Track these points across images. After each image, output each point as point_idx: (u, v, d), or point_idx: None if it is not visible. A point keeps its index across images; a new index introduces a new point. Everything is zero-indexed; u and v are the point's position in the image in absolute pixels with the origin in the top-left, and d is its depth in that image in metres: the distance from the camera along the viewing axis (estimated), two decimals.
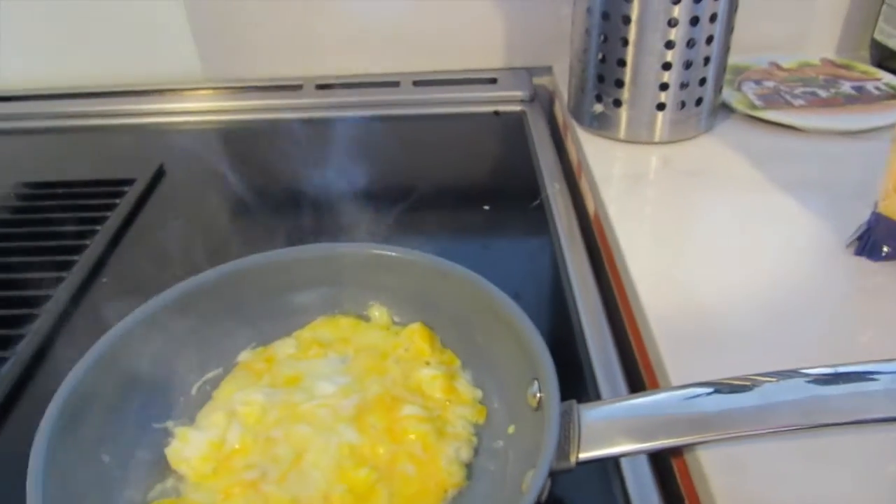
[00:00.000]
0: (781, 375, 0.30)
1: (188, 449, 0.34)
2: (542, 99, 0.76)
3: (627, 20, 0.52)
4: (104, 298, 0.47)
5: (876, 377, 0.29)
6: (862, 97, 0.62)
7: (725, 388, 0.30)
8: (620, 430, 0.30)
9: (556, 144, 0.68)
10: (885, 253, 0.42)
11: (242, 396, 0.36)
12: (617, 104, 0.56)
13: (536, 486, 0.27)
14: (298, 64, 0.75)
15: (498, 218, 0.55)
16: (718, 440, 0.29)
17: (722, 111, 0.61)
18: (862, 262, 0.42)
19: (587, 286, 0.46)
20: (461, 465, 0.34)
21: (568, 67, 0.62)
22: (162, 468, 0.34)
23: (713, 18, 0.52)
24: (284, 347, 0.40)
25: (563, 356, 0.33)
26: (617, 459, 0.34)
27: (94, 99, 0.73)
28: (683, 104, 0.55)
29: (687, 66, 0.53)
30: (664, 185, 0.53)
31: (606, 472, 0.34)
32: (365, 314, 0.42)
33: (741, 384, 0.30)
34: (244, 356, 0.40)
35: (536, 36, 0.75)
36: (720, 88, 0.58)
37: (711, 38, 0.53)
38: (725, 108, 0.61)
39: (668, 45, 0.52)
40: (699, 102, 0.56)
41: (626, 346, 0.42)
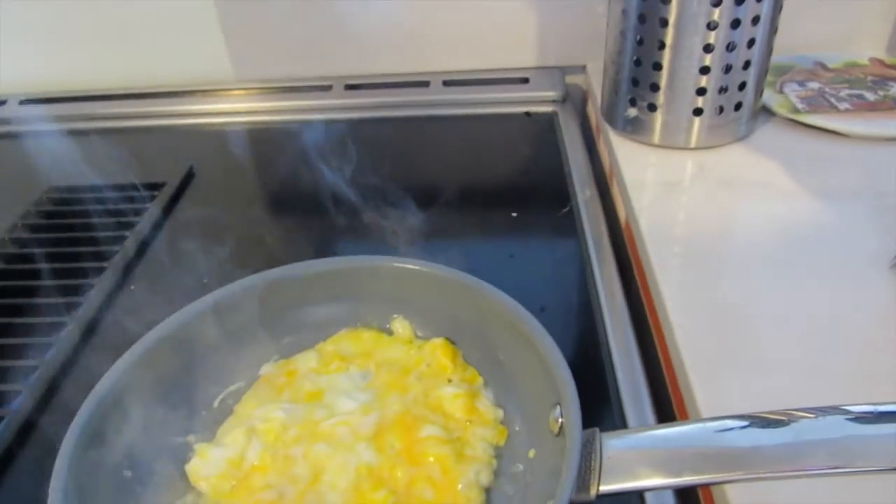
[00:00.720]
0: (820, 412, 0.28)
1: (208, 466, 0.34)
2: (574, 98, 0.74)
3: (665, 23, 0.50)
4: (132, 307, 0.47)
5: None
6: None
7: (760, 422, 0.29)
8: (645, 462, 0.29)
9: (587, 145, 0.66)
10: None
11: (263, 413, 0.36)
12: (652, 108, 0.54)
13: None
14: (328, 64, 0.75)
15: (526, 225, 0.54)
16: (748, 480, 0.28)
17: (762, 114, 0.58)
18: None
19: (616, 303, 0.44)
20: (480, 489, 0.33)
21: (602, 67, 0.60)
22: (182, 483, 0.34)
23: (755, 21, 0.49)
24: (306, 361, 0.40)
25: (587, 379, 0.32)
26: (641, 493, 0.33)
27: (125, 101, 0.74)
28: (721, 109, 0.53)
29: (726, 70, 0.51)
30: (699, 193, 0.51)
31: None
32: (388, 327, 0.42)
33: (777, 419, 0.29)
34: (266, 369, 0.40)
35: (570, 34, 0.73)
36: (761, 92, 0.55)
37: (753, 41, 0.50)
38: (766, 111, 0.59)
39: (706, 48, 0.50)
40: (738, 107, 0.54)
41: (655, 367, 0.41)
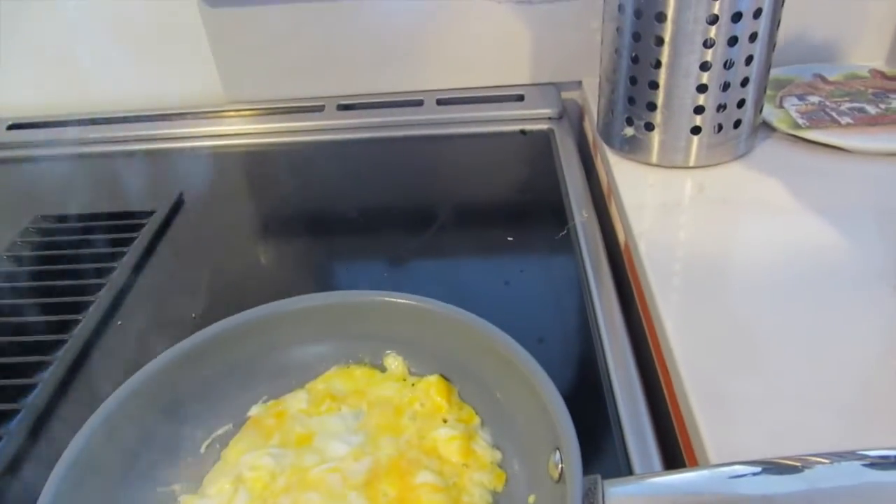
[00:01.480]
0: (836, 457, 0.27)
1: None
2: (570, 113, 0.73)
3: (660, 41, 0.49)
4: (120, 342, 0.46)
5: None
6: None
7: (772, 468, 0.27)
8: None
9: (584, 162, 0.65)
10: None
11: (250, 460, 0.34)
12: (649, 128, 0.53)
13: None
14: (320, 85, 0.74)
15: (522, 250, 0.53)
16: None
17: (762, 130, 0.57)
18: None
19: (616, 333, 0.43)
20: None
21: (597, 83, 0.59)
22: None
23: (753, 38, 0.48)
24: (296, 402, 0.38)
25: (588, 419, 0.31)
26: None
27: (113, 124, 0.72)
28: (720, 127, 0.52)
29: (724, 87, 0.50)
30: (699, 214, 0.50)
31: None
32: (380, 364, 0.40)
33: (790, 465, 0.27)
34: (255, 411, 0.38)
35: (564, 50, 0.72)
36: (760, 109, 0.54)
37: (751, 57, 0.49)
38: (766, 126, 0.58)
39: (703, 66, 0.49)
40: (737, 125, 0.52)
41: (659, 397, 0.39)
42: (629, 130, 0.54)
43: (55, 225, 0.58)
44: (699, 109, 0.51)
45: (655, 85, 0.51)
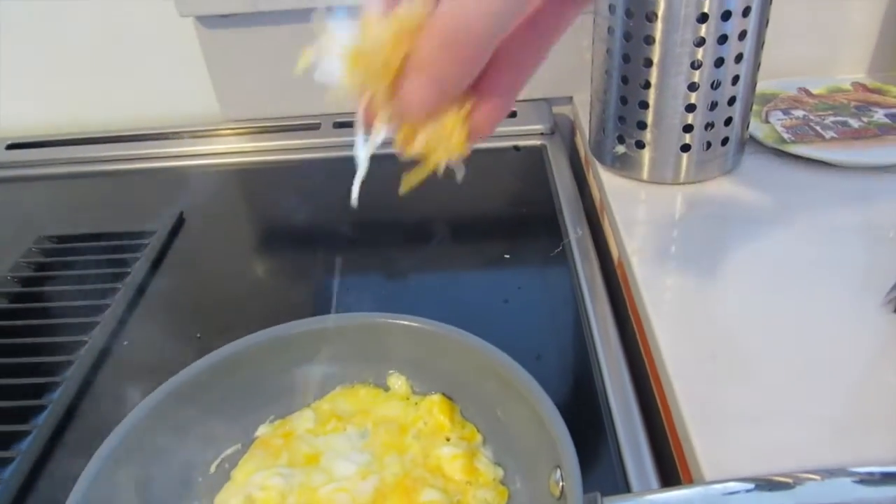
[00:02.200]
0: (827, 474, 0.28)
1: None
2: (562, 129, 0.75)
3: (649, 63, 0.50)
4: (126, 365, 0.47)
5: None
6: None
7: (765, 485, 0.29)
8: None
9: (577, 177, 0.66)
10: None
11: (260, 480, 0.35)
12: (639, 146, 0.55)
13: None
14: (316, 102, 0.75)
15: (519, 267, 0.54)
16: None
17: (749, 144, 0.59)
18: None
19: (612, 349, 0.44)
20: None
21: (588, 100, 0.60)
22: None
23: (738, 59, 0.50)
24: (302, 421, 0.39)
25: (586, 435, 0.32)
26: None
27: (112, 144, 0.73)
28: (709, 145, 0.54)
29: (712, 107, 0.52)
30: (689, 230, 0.51)
31: None
32: (384, 383, 0.41)
33: (782, 481, 0.29)
34: (262, 431, 0.39)
35: (556, 66, 0.73)
36: (747, 126, 0.56)
37: (737, 77, 0.51)
38: (753, 141, 0.59)
39: (691, 87, 0.51)
40: (725, 142, 0.54)
41: (654, 412, 0.41)
42: (620, 148, 0.56)
43: (59, 245, 0.59)
44: (688, 128, 0.53)
45: (645, 105, 0.52)
